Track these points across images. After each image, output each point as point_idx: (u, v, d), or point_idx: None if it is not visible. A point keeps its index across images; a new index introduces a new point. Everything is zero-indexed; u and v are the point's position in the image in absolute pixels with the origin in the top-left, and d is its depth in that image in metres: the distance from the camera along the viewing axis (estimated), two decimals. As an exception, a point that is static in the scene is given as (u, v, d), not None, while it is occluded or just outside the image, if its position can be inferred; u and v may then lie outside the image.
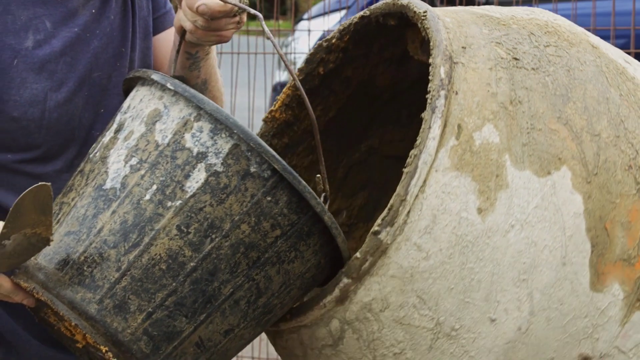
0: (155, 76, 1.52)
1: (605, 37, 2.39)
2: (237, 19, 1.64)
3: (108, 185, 1.46)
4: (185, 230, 1.42)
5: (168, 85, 1.50)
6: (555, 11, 3.43)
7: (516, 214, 1.44)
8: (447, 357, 1.46)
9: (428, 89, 1.46)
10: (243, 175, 1.44)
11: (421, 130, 1.44)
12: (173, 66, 1.71)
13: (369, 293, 1.46)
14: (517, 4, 3.77)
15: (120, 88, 1.74)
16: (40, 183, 1.37)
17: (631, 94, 1.54)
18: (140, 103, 1.53)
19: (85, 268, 1.41)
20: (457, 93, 1.44)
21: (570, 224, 1.44)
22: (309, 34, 3.96)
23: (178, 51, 1.71)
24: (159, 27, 1.88)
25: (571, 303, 1.46)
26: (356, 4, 4.42)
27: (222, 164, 1.44)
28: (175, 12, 1.75)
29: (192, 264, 1.42)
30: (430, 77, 1.46)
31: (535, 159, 1.45)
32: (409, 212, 1.43)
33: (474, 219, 1.43)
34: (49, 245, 1.42)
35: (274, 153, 1.44)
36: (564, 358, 1.49)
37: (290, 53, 4.47)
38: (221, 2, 1.57)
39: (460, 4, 3.88)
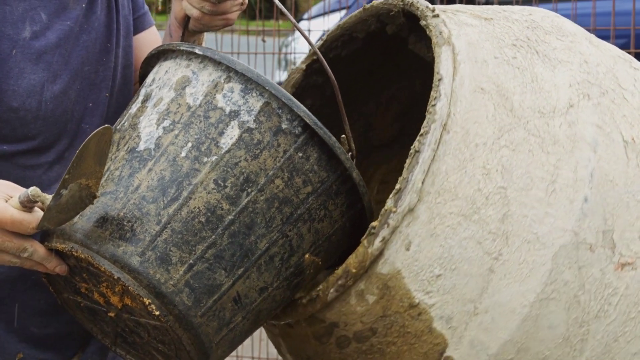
0: (183, 46, 1.55)
1: (606, 37, 2.42)
2: (240, 0, 1.70)
3: (142, 147, 1.48)
4: (222, 184, 1.45)
5: (196, 50, 1.53)
6: (556, 11, 3.45)
7: None
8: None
9: None
10: (275, 132, 1.47)
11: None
12: None
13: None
14: (517, 3, 3.81)
15: (107, 83, 1.77)
16: (105, 125, 1.39)
17: None
18: (166, 74, 1.56)
19: (125, 223, 1.43)
20: None
21: None
22: (309, 34, 3.98)
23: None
24: (138, 27, 1.91)
25: None
26: (356, 3, 4.44)
27: (254, 121, 1.47)
28: (169, 4, 1.80)
29: (230, 217, 1.44)
30: None
31: None
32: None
33: None
34: (92, 203, 1.43)
35: (305, 109, 1.47)
36: None
37: (290, 53, 4.49)
38: None
39: (461, 2, 3.92)
